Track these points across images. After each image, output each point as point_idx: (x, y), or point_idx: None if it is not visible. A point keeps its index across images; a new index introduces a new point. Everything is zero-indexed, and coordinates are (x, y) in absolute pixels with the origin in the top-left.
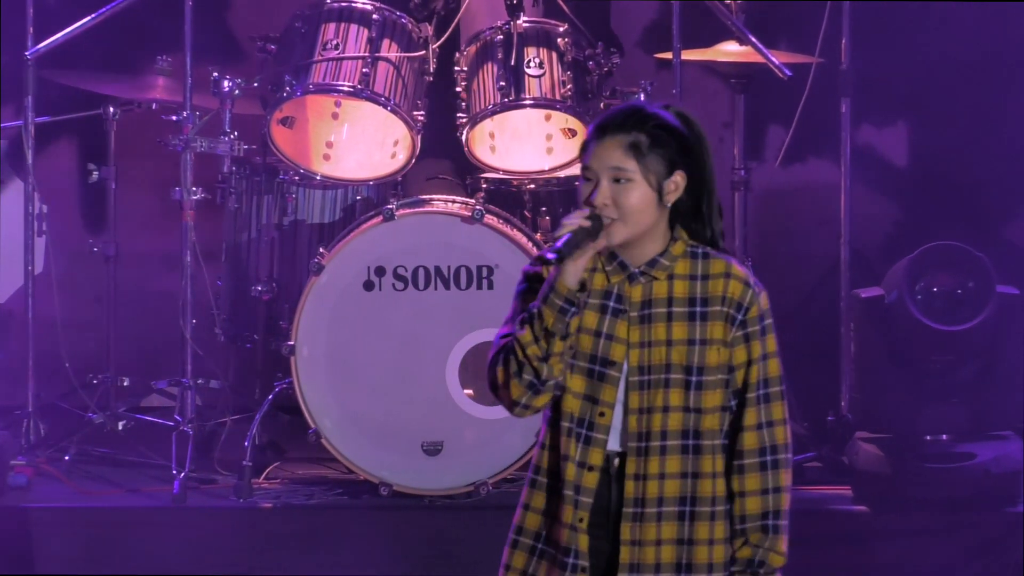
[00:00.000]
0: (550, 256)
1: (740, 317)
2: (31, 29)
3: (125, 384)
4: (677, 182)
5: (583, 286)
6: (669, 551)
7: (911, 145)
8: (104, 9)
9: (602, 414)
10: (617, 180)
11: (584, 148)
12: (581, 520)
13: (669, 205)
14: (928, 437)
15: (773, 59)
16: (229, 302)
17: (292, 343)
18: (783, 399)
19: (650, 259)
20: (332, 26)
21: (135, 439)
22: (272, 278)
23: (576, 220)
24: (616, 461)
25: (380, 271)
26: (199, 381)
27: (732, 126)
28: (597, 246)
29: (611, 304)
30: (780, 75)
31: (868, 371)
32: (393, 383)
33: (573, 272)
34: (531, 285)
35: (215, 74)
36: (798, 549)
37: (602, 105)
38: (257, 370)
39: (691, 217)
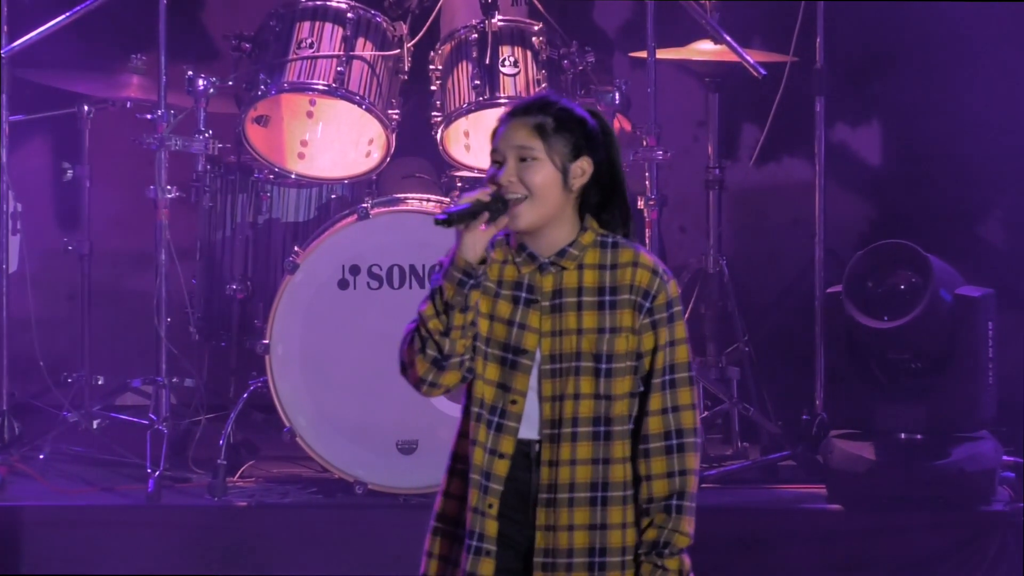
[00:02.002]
0: (440, 217)
1: (647, 305)
2: (5, 28)
3: (99, 383)
4: (583, 167)
5: (483, 261)
6: (582, 536)
7: (885, 144)
8: (78, 8)
9: (514, 402)
10: (523, 159)
11: (493, 134)
12: (491, 506)
13: (575, 190)
14: (902, 436)
15: (747, 58)
16: (203, 301)
17: (267, 342)
18: (691, 385)
19: (559, 249)
20: (307, 25)
21: (109, 438)
22: (246, 277)
23: (476, 195)
24: (536, 448)
25: (355, 270)
26: (173, 380)
27: (706, 125)
28: (500, 225)
29: (523, 294)
30: (754, 74)
31: (836, 368)
32: (368, 382)
33: (471, 244)
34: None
35: (189, 72)
36: (772, 547)
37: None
38: (231, 368)
39: (601, 208)
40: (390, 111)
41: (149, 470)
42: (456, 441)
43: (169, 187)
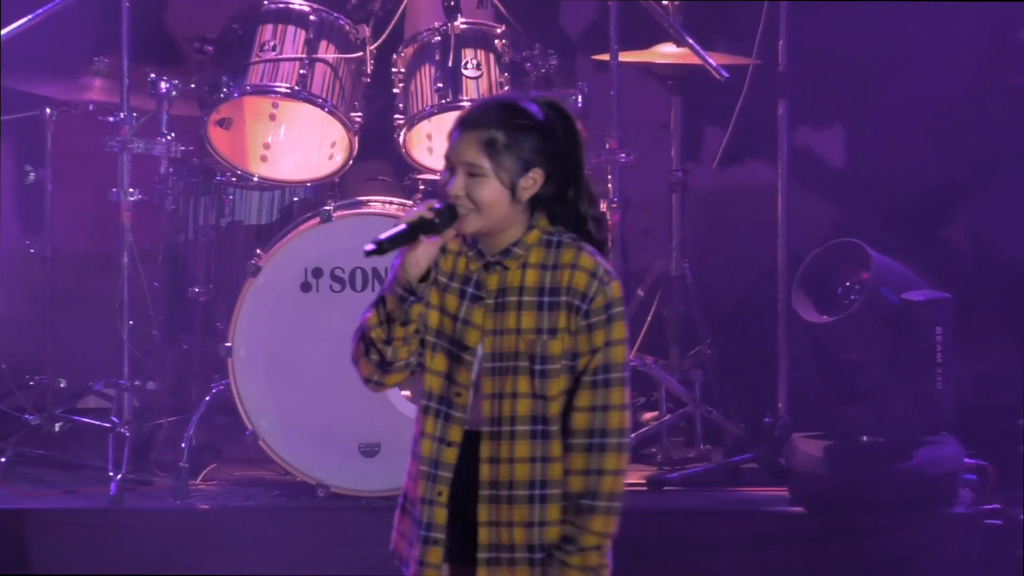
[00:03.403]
0: (369, 248)
1: (584, 307)
2: None
3: (62, 385)
4: (534, 179)
5: (427, 275)
6: (522, 533)
7: (848, 146)
8: (41, 10)
9: (459, 394)
10: (472, 175)
11: (448, 137)
12: (440, 494)
13: (524, 200)
14: (865, 438)
15: (710, 61)
16: (166, 303)
17: (229, 344)
18: (623, 385)
19: (505, 248)
20: (269, 27)
21: (72, 440)
22: (209, 279)
23: (417, 213)
24: (473, 440)
25: (317, 272)
26: (136, 382)
27: (669, 128)
28: (447, 236)
29: (469, 290)
30: (717, 77)
31: (798, 371)
32: (330, 384)
33: (413, 263)
34: None
35: (152, 75)
36: (734, 550)
37: None
38: (194, 371)
39: (553, 202)
40: (352, 114)
41: (111, 473)
42: (417, 428)
43: (132, 190)
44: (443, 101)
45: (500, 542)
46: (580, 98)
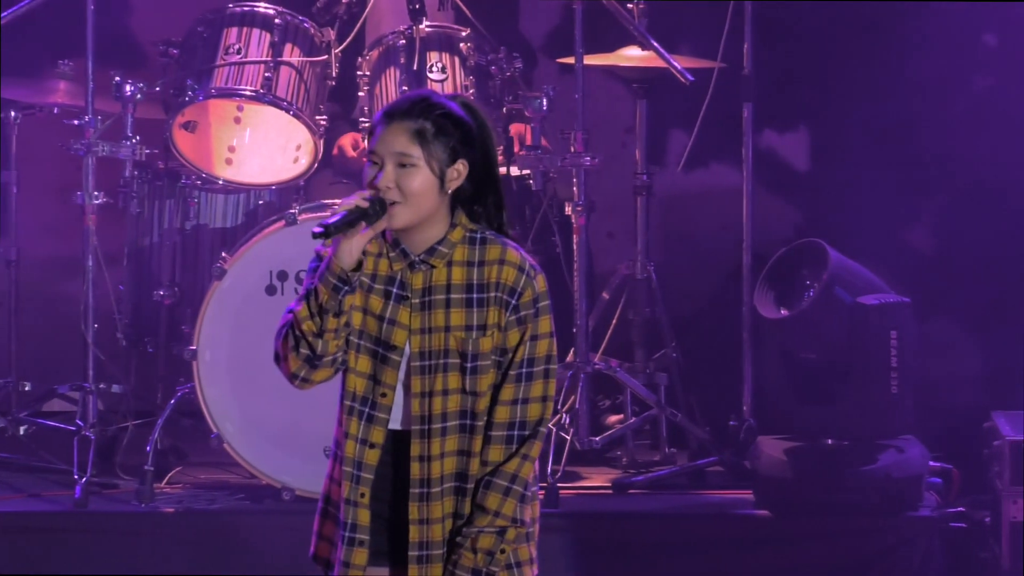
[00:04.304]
0: (316, 230)
1: (513, 302)
2: None
3: (26, 388)
4: (459, 170)
5: (359, 266)
6: (449, 524)
7: (813, 150)
8: (5, 13)
9: (384, 395)
10: (402, 165)
11: (371, 132)
12: (363, 495)
13: (450, 192)
14: (830, 441)
15: (675, 64)
16: (131, 306)
17: (194, 347)
18: (547, 378)
19: (429, 247)
20: (234, 30)
21: (36, 444)
22: (174, 282)
23: (354, 200)
24: (401, 438)
25: (283, 275)
26: (101, 385)
27: (634, 131)
28: (378, 228)
29: (394, 290)
30: (682, 80)
31: (762, 374)
32: (295, 388)
33: (347, 251)
34: (320, 265)
35: (117, 78)
36: (699, 553)
37: (504, 110)
38: (159, 374)
39: (473, 200)
40: (318, 117)
41: (76, 476)
42: (337, 429)
43: (96, 193)
44: None
45: (431, 539)
46: (545, 101)
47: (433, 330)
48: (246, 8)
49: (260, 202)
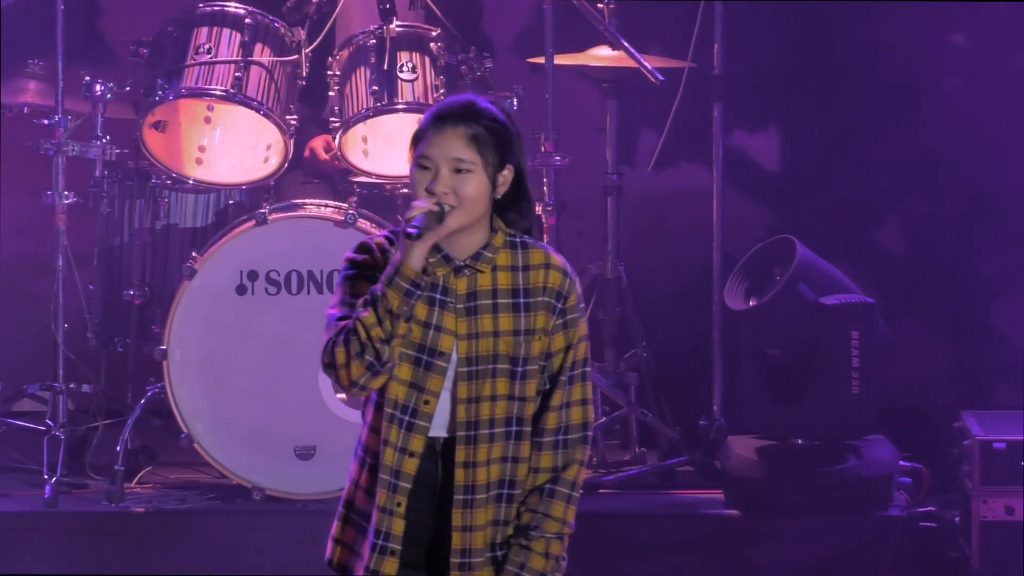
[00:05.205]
0: (412, 231)
1: (560, 306)
2: None
3: None
4: (506, 175)
5: (425, 270)
6: (491, 532)
7: (782, 150)
8: None
9: (427, 402)
10: (457, 170)
11: (420, 137)
12: (399, 504)
13: (499, 196)
14: (800, 441)
15: (645, 64)
16: (101, 306)
17: (164, 347)
18: (584, 381)
19: (474, 252)
20: (204, 30)
21: (6, 444)
22: (144, 282)
23: (427, 204)
24: (443, 445)
25: (253, 275)
26: (71, 385)
27: (604, 131)
28: (440, 233)
29: (437, 296)
30: (652, 80)
31: (733, 372)
32: (266, 387)
33: (419, 255)
34: (360, 271)
35: (87, 78)
36: (669, 553)
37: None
38: (129, 374)
39: (508, 207)
40: (288, 116)
41: (46, 476)
42: (367, 434)
43: (67, 192)
44: (378, 104)
45: (474, 546)
46: (516, 101)
47: (480, 335)
48: (216, 8)
49: (230, 202)
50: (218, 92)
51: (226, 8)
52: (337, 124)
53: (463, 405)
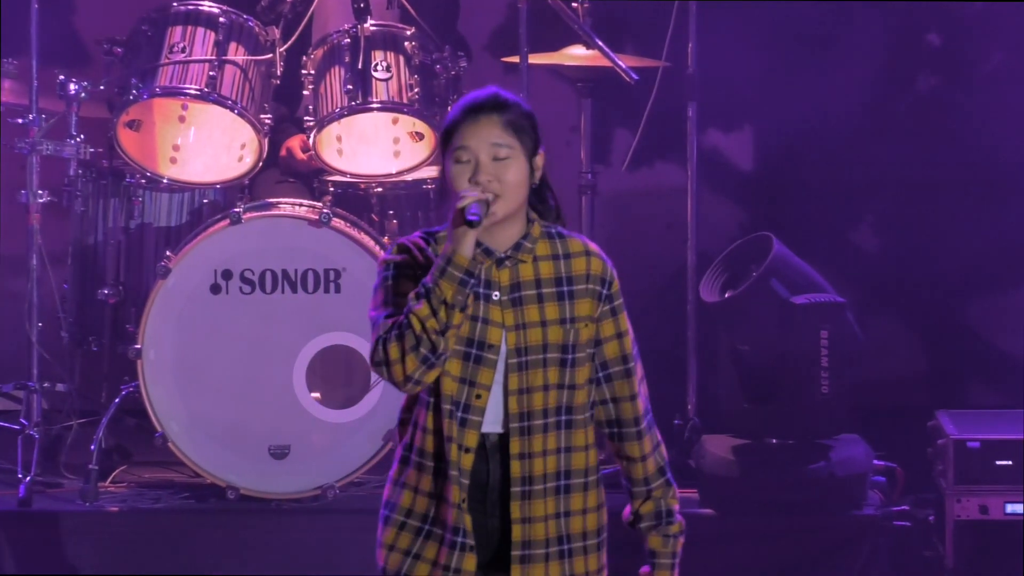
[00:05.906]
0: (473, 218)
1: (605, 292)
2: None
3: None
4: (539, 162)
5: (474, 259)
6: (553, 525)
7: (757, 149)
8: None
9: (479, 396)
10: (496, 158)
11: (454, 130)
12: (464, 501)
13: (536, 183)
14: (774, 440)
15: (620, 63)
16: (75, 305)
17: (139, 346)
18: (638, 364)
19: (514, 243)
20: (179, 29)
21: None
22: (118, 281)
23: (475, 195)
24: (495, 441)
25: (227, 274)
26: (45, 385)
27: (579, 130)
28: (488, 223)
29: (481, 289)
30: (627, 79)
31: (707, 372)
32: (240, 387)
33: (470, 244)
34: (400, 271)
35: (61, 77)
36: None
37: (448, 109)
38: (104, 374)
39: (536, 198)
40: (262, 115)
41: (20, 475)
42: (420, 437)
43: (41, 191)
44: (353, 103)
45: (534, 538)
46: None
47: (528, 325)
48: (190, 7)
49: (205, 201)
50: (192, 91)
51: (200, 7)
52: (311, 123)
53: (515, 396)
